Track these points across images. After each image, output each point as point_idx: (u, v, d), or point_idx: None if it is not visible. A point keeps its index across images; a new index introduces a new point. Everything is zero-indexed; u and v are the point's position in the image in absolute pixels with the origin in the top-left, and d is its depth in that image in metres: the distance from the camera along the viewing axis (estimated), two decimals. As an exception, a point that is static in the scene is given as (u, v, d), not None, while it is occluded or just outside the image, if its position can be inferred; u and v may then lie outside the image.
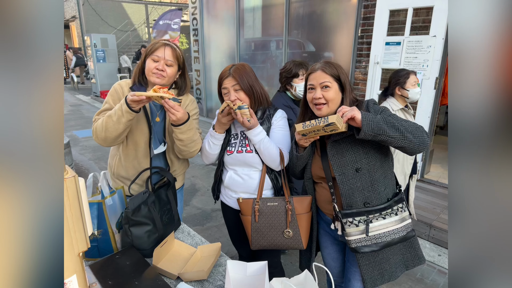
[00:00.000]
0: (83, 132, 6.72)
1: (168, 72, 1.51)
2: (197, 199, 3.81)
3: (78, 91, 12.50)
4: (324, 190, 1.47)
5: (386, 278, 1.41)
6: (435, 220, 2.93)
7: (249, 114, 1.45)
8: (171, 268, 1.33)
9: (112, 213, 1.43)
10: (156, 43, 1.53)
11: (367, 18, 3.86)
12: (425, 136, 1.25)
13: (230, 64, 1.57)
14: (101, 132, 1.47)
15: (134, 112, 1.42)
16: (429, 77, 3.30)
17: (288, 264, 2.58)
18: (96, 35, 10.08)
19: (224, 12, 6.21)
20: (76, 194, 0.75)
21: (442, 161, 4.35)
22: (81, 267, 0.80)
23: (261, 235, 1.54)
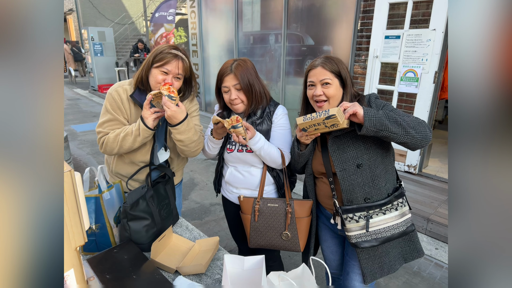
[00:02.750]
0: (81, 126, 6.70)
1: (176, 85, 1.48)
2: (195, 193, 3.82)
3: (76, 85, 12.43)
4: (325, 185, 1.46)
5: (386, 271, 1.41)
6: (433, 214, 2.94)
7: (244, 132, 1.38)
8: (169, 262, 1.33)
9: (110, 207, 1.42)
10: (166, 52, 1.44)
11: (367, 11, 3.83)
12: (427, 131, 1.24)
13: (231, 60, 1.51)
14: (114, 148, 1.46)
15: (151, 129, 1.42)
16: (428, 71, 3.29)
17: (286, 257, 2.60)
18: (93, 28, 9.97)
19: (223, 5, 6.16)
20: (72, 188, 0.74)
21: (441, 155, 4.35)
22: (79, 261, 0.80)
23: (260, 234, 1.54)
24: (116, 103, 1.50)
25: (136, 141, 1.44)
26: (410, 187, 3.45)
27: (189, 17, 6.92)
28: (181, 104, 1.42)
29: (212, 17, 6.52)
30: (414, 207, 3.05)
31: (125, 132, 1.44)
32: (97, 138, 1.52)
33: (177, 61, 1.45)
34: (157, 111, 1.43)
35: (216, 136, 1.54)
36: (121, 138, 1.44)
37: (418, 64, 3.34)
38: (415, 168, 3.71)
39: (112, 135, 1.46)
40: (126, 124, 1.52)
